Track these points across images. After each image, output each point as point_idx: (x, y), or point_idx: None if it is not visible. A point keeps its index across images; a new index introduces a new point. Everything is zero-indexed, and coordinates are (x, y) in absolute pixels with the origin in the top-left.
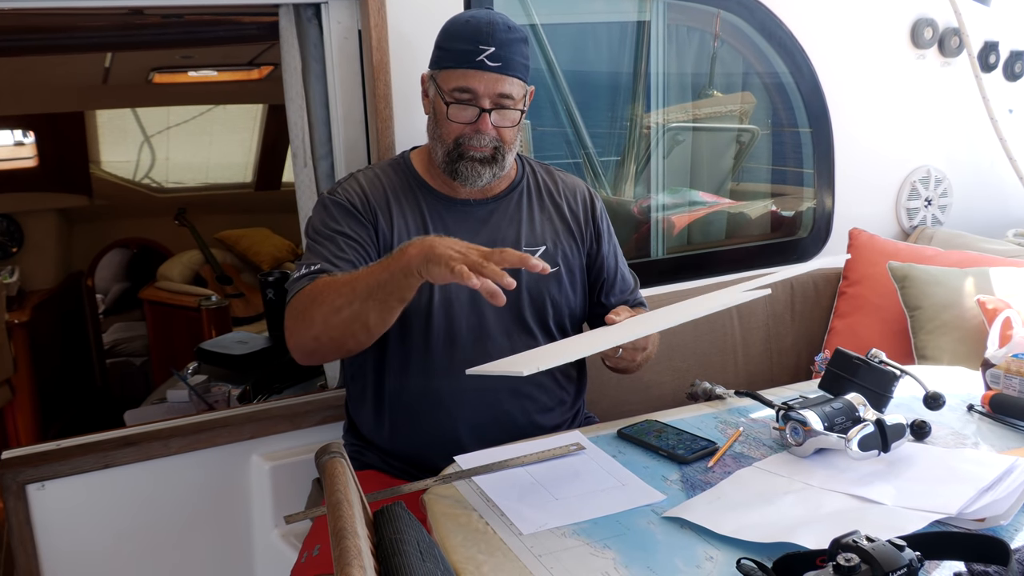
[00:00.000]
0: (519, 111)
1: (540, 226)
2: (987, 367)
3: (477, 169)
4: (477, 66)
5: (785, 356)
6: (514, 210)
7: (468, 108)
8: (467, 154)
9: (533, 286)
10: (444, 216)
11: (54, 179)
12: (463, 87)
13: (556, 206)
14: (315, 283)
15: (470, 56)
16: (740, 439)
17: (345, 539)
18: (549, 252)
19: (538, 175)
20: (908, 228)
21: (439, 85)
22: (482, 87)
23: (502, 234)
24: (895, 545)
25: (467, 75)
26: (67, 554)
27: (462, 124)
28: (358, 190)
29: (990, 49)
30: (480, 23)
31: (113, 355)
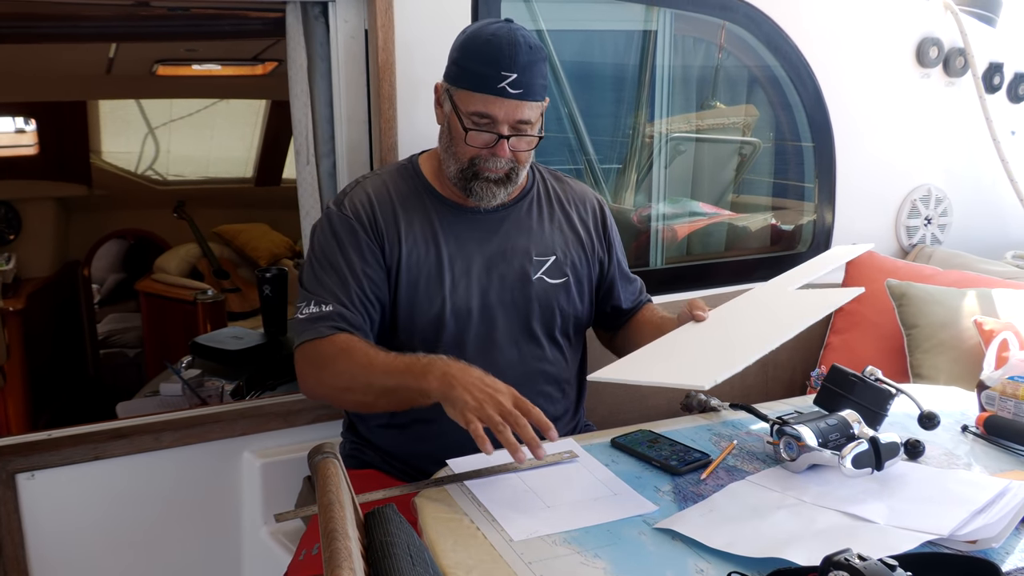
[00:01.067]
0: (539, 137)
1: (550, 235)
2: (982, 388)
3: (492, 190)
4: (498, 93)
5: (780, 370)
6: (524, 218)
7: (485, 134)
8: (482, 175)
9: (543, 296)
10: (454, 224)
11: (54, 168)
12: (482, 112)
13: (566, 215)
14: (333, 343)
15: (491, 82)
16: (734, 452)
17: (336, 540)
18: (559, 261)
19: (548, 183)
20: (907, 246)
21: (456, 104)
22: (502, 114)
23: (512, 243)
24: (887, 564)
25: (487, 101)
26: (55, 544)
27: (478, 148)
28: (365, 204)
29: (995, 70)
30: (503, 44)
31: (107, 345)
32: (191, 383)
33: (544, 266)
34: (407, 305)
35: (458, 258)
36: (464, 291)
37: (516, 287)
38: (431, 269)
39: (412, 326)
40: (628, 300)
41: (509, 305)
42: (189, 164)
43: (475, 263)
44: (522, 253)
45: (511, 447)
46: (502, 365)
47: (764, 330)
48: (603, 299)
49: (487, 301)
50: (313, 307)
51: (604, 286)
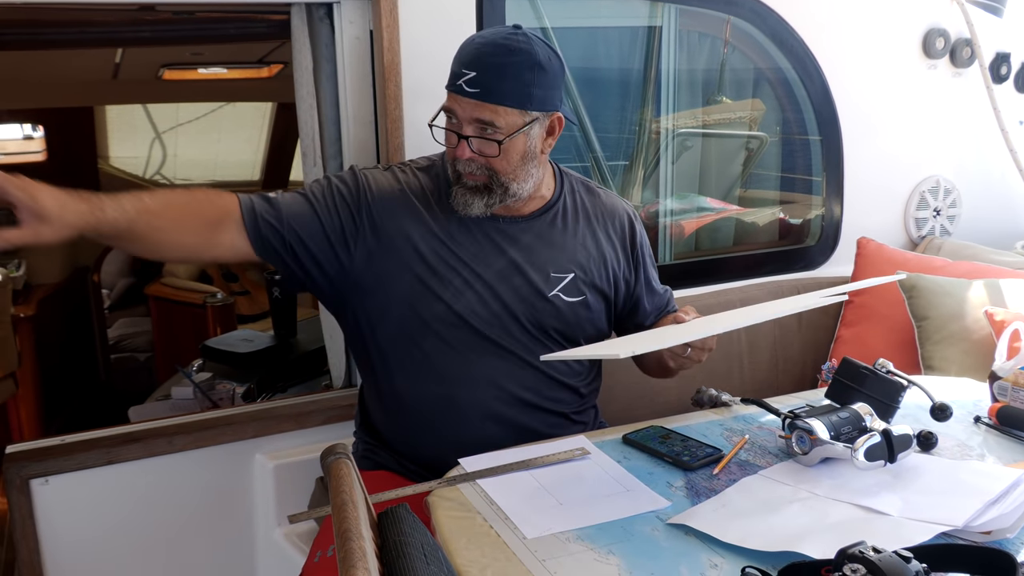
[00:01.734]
0: (497, 141)
1: (571, 251)
2: (994, 379)
3: (467, 198)
4: (456, 90)
5: (791, 364)
6: (547, 231)
7: (449, 133)
8: (459, 180)
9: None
10: (471, 230)
11: (62, 173)
12: (447, 108)
13: (591, 230)
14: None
15: (453, 79)
16: (746, 447)
17: (350, 540)
18: (576, 279)
19: (577, 195)
20: (916, 238)
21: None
22: (460, 111)
23: (531, 256)
24: (902, 557)
25: (450, 97)
26: (69, 549)
27: (449, 147)
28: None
29: (1002, 60)
30: (475, 42)
31: (117, 350)
32: (202, 386)
33: (561, 283)
34: (408, 300)
35: (470, 263)
36: (473, 297)
37: (528, 301)
38: (436, 270)
39: (424, 322)
40: (651, 315)
41: (520, 318)
42: (196, 167)
43: (488, 271)
44: (540, 268)
45: None
46: (517, 376)
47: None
48: (627, 316)
49: (496, 310)
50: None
51: (628, 305)
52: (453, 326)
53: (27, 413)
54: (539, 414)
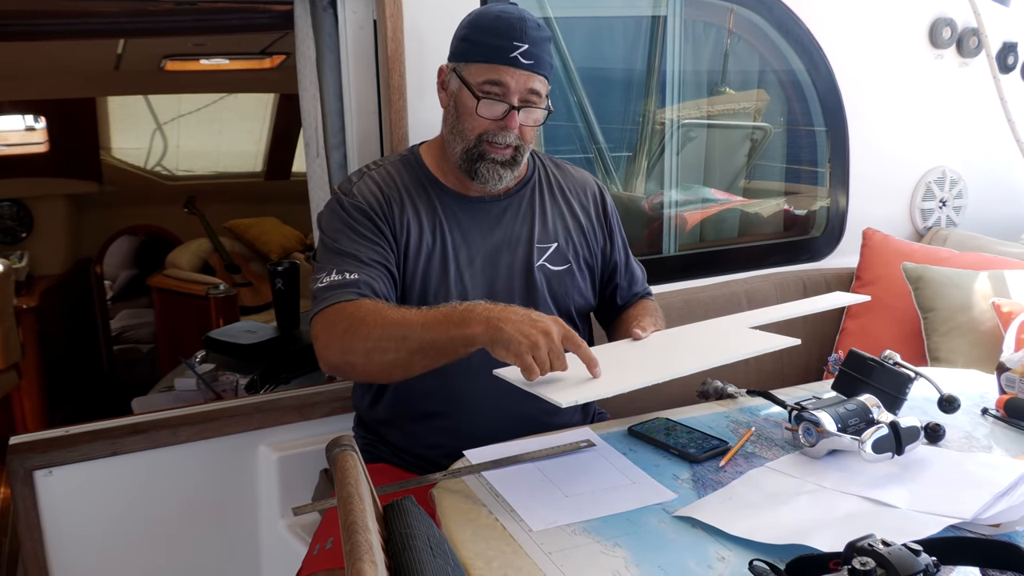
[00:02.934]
0: (544, 110)
1: (552, 222)
2: (1002, 371)
3: (498, 171)
4: (511, 62)
5: (796, 356)
6: (526, 207)
7: (497, 104)
8: (488, 155)
9: (546, 283)
10: (458, 214)
11: (64, 165)
12: (495, 80)
13: (567, 201)
14: (359, 307)
15: (504, 52)
16: (752, 439)
17: (356, 533)
18: (560, 249)
19: (548, 170)
20: (922, 229)
21: (464, 78)
22: (513, 83)
23: (516, 232)
24: (911, 549)
25: (499, 70)
26: (73, 540)
27: (489, 120)
28: (374, 190)
29: (1009, 50)
30: (512, 19)
31: (120, 342)
32: (206, 377)
33: (546, 253)
34: (415, 294)
35: (463, 248)
36: (470, 280)
37: (520, 275)
38: (437, 259)
39: None
40: (625, 291)
41: (515, 293)
42: (199, 159)
43: (480, 252)
44: (525, 241)
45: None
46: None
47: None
48: (604, 286)
49: (492, 290)
50: (335, 275)
51: (607, 272)
52: None
53: (30, 405)
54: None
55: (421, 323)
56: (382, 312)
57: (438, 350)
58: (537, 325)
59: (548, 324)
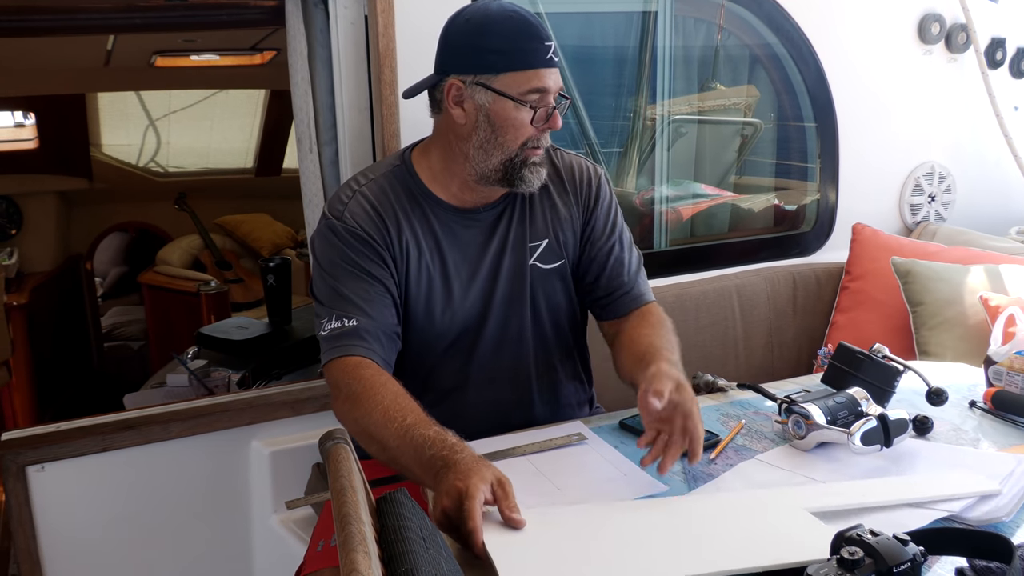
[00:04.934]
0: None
1: (541, 218)
2: (989, 364)
3: (539, 172)
4: (547, 64)
5: (786, 350)
6: (519, 208)
7: (543, 109)
8: (530, 160)
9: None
10: (455, 228)
11: (54, 161)
12: (540, 87)
13: (552, 192)
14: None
15: (541, 54)
16: (742, 432)
17: (349, 524)
18: (551, 246)
19: None
20: (911, 224)
21: (501, 90)
22: (552, 84)
23: (511, 235)
24: (899, 539)
25: (541, 75)
26: (66, 536)
27: (537, 127)
28: (368, 210)
29: (997, 46)
30: (529, 18)
31: (111, 339)
32: (197, 373)
33: (537, 251)
34: (419, 315)
35: (463, 264)
36: (473, 295)
37: (516, 279)
38: (437, 278)
39: (424, 336)
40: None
41: (513, 300)
42: (189, 155)
43: (481, 266)
44: (518, 242)
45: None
46: (516, 363)
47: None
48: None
49: (493, 302)
50: (335, 322)
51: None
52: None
53: (21, 402)
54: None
55: (397, 438)
56: (375, 398)
57: (403, 471)
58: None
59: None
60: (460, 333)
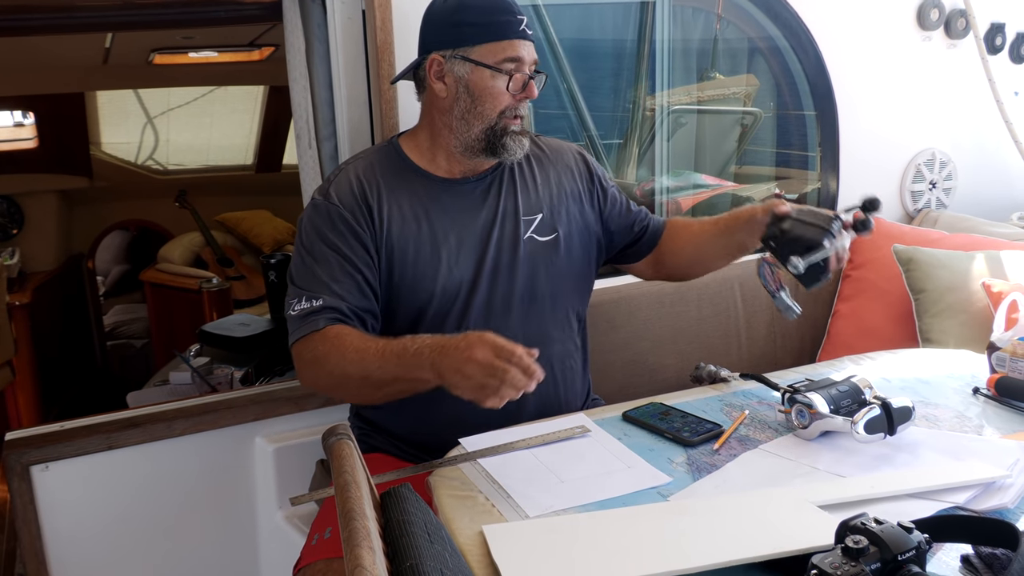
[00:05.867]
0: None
1: (535, 193)
2: (992, 350)
3: (521, 140)
4: (520, 35)
5: (789, 340)
6: (508, 181)
7: (519, 78)
8: (509, 128)
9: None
10: (443, 198)
11: (54, 160)
12: (513, 56)
13: (547, 171)
14: (326, 336)
15: (513, 26)
16: (745, 422)
17: (354, 520)
18: (545, 219)
19: None
20: (912, 211)
21: (478, 60)
22: (526, 54)
23: (501, 207)
24: (903, 527)
25: (515, 45)
26: (71, 535)
27: (513, 95)
28: (352, 184)
29: (996, 31)
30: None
31: (113, 337)
32: (200, 371)
33: (533, 224)
34: (407, 282)
35: (451, 231)
36: (463, 262)
37: (508, 250)
38: (426, 245)
39: (414, 303)
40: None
41: (505, 269)
42: (189, 153)
43: (469, 233)
44: (511, 214)
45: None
46: (508, 333)
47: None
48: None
49: (484, 269)
50: (304, 303)
51: (625, 226)
52: (441, 297)
53: (25, 401)
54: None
55: (378, 360)
56: (344, 346)
57: (398, 388)
58: (466, 351)
59: (477, 347)
60: (452, 298)
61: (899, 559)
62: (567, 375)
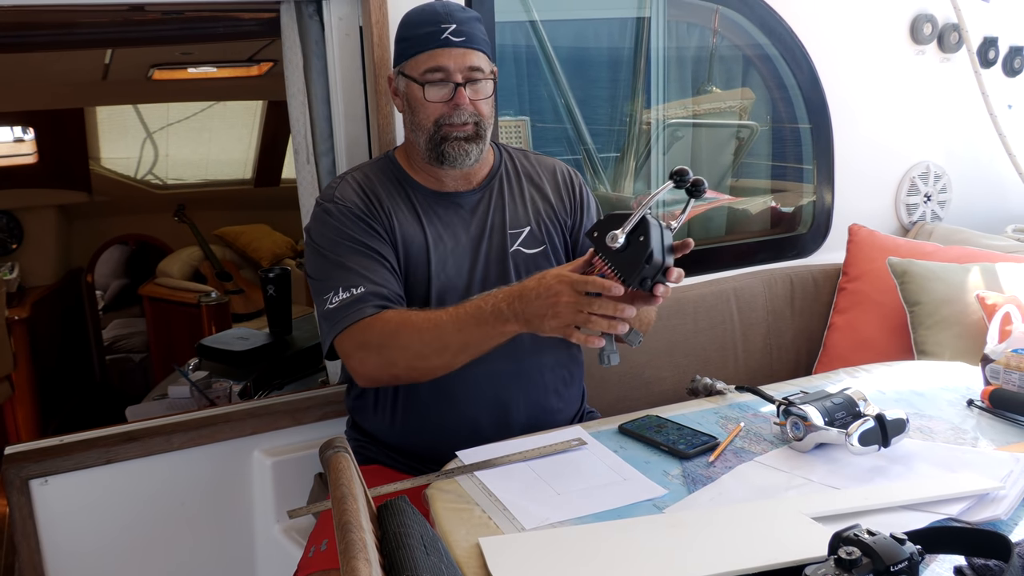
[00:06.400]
0: (491, 81)
1: (522, 207)
2: (987, 362)
3: (464, 148)
4: (443, 44)
5: (785, 352)
6: (497, 196)
7: (443, 86)
8: (450, 135)
9: (521, 267)
10: (435, 208)
11: (54, 175)
12: (434, 67)
13: (536, 186)
14: (386, 320)
15: (434, 36)
16: (741, 434)
17: (350, 532)
18: (533, 232)
19: (515, 159)
20: (907, 224)
21: (408, 74)
22: (452, 63)
23: (490, 220)
24: (896, 539)
25: (435, 55)
26: (70, 549)
27: (439, 103)
28: (356, 190)
29: (989, 45)
30: (435, 6)
31: (113, 351)
32: (199, 385)
33: (520, 237)
34: (409, 285)
35: (442, 240)
36: (453, 270)
37: (497, 262)
38: (420, 251)
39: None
40: None
41: (493, 281)
42: (188, 167)
43: (459, 244)
44: (498, 228)
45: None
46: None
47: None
48: None
49: (473, 280)
50: (343, 293)
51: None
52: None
53: (24, 415)
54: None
55: (455, 327)
56: (412, 321)
57: (477, 347)
58: (552, 296)
59: (558, 288)
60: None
61: (892, 570)
62: (560, 384)
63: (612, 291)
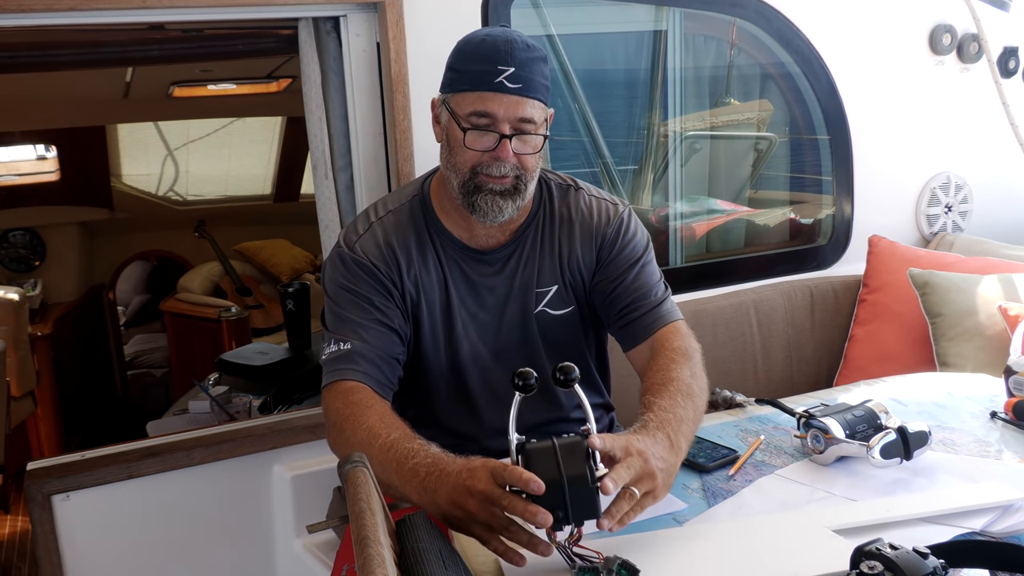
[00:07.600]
0: (541, 136)
1: (551, 262)
2: (1010, 374)
3: (498, 203)
4: (496, 88)
5: (806, 364)
6: (529, 250)
7: (487, 134)
8: (485, 186)
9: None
10: (462, 266)
11: (76, 193)
12: (481, 111)
13: (570, 230)
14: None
15: (488, 77)
16: (761, 447)
17: (368, 547)
18: (561, 290)
19: (555, 200)
20: (928, 235)
21: (453, 109)
22: (501, 111)
23: (517, 280)
24: (919, 553)
25: (484, 98)
26: (92, 564)
27: (479, 152)
28: (380, 244)
29: (1009, 54)
30: (497, 41)
31: (134, 367)
32: (219, 400)
33: (546, 297)
34: (428, 351)
35: (467, 303)
36: (476, 334)
37: (519, 325)
38: (442, 314)
39: (433, 373)
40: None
41: (517, 346)
42: (208, 183)
43: (484, 306)
44: (525, 288)
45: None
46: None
47: None
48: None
49: (498, 346)
50: (333, 346)
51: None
52: (454, 370)
53: (46, 431)
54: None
55: (381, 460)
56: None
57: (396, 492)
58: (464, 508)
59: (468, 505)
60: (459, 373)
61: None
62: None
63: (530, 486)
